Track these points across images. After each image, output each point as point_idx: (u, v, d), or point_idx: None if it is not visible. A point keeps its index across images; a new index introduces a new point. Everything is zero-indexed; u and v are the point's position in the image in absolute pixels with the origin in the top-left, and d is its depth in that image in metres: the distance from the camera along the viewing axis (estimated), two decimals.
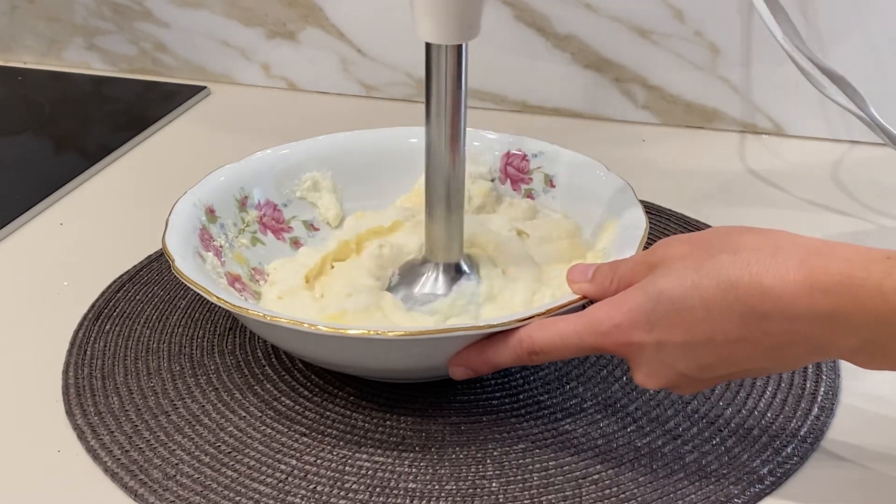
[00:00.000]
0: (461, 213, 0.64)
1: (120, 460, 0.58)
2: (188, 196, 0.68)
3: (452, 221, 0.64)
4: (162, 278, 0.75)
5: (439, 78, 0.60)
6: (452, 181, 0.63)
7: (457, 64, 0.60)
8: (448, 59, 0.60)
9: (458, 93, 0.61)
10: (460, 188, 0.64)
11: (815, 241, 0.49)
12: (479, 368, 0.57)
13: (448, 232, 0.64)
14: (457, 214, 0.64)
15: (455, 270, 0.65)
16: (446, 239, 0.65)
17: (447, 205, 0.63)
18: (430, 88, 0.61)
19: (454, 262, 0.66)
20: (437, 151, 0.62)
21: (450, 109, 0.61)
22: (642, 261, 0.55)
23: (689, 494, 0.54)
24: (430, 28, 0.59)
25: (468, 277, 0.65)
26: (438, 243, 0.65)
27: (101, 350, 0.67)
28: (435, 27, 0.59)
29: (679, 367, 0.52)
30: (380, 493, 0.55)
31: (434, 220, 0.64)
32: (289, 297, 0.66)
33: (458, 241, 0.65)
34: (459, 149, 0.62)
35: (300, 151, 0.75)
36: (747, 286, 0.48)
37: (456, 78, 0.60)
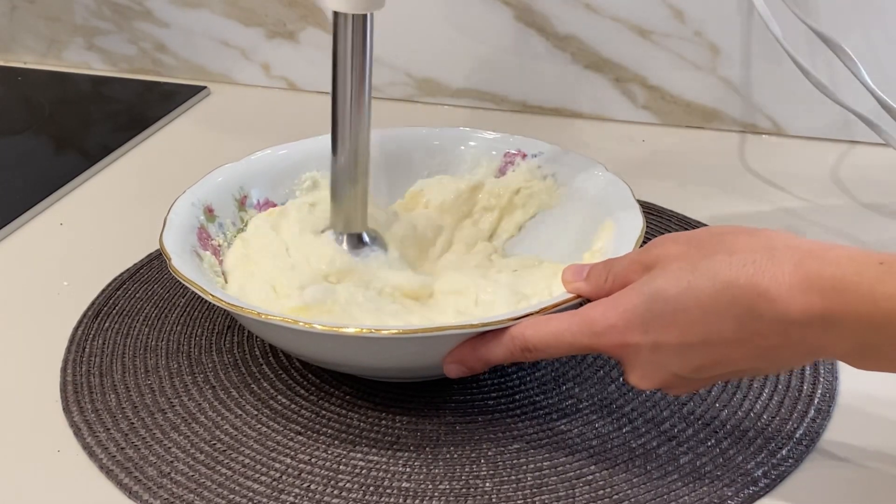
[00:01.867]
0: (366, 183, 0.66)
1: (115, 457, 0.58)
2: (187, 195, 0.68)
3: (357, 191, 0.66)
4: (162, 276, 0.75)
5: (345, 47, 0.63)
6: (357, 152, 0.65)
7: (362, 33, 0.62)
8: (354, 29, 0.62)
9: (363, 62, 0.63)
10: (365, 159, 0.65)
11: (810, 243, 0.49)
12: (473, 365, 0.57)
13: (352, 202, 0.66)
14: (361, 185, 0.66)
15: (358, 240, 0.67)
16: (350, 209, 0.66)
17: (351, 175, 0.65)
18: (336, 57, 0.63)
19: (357, 233, 0.67)
20: (342, 121, 0.64)
21: (358, 80, 0.63)
22: (637, 260, 0.54)
23: (682, 496, 0.54)
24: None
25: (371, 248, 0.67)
26: (342, 213, 0.67)
27: (99, 347, 0.68)
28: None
29: (673, 368, 0.52)
30: (373, 491, 0.55)
31: (338, 190, 0.66)
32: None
33: (362, 212, 0.67)
34: (363, 120, 0.64)
35: (299, 151, 0.75)
36: (743, 287, 0.48)
37: (361, 48, 0.63)
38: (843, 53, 0.79)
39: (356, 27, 0.62)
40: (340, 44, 0.63)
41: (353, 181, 0.66)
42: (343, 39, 0.63)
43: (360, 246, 0.67)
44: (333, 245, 0.67)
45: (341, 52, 0.63)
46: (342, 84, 0.64)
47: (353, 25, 0.62)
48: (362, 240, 0.67)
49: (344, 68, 0.63)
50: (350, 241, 0.67)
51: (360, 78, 0.63)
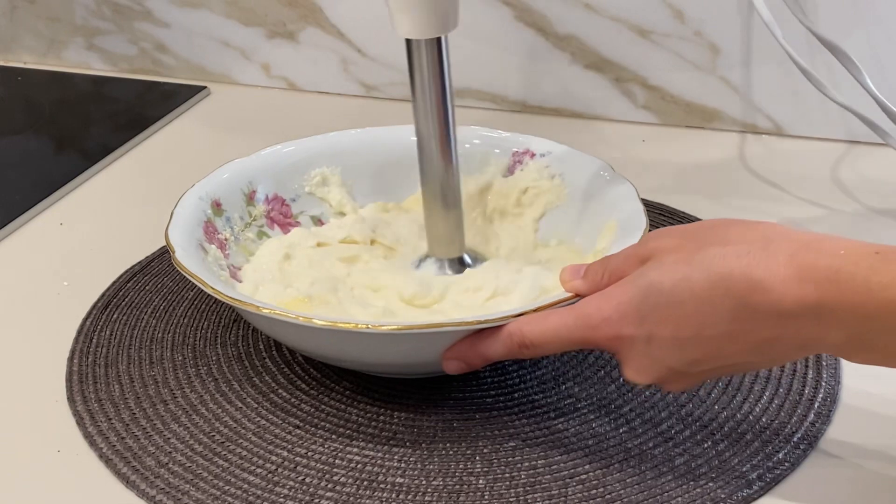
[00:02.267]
0: (459, 207, 0.65)
1: (115, 447, 0.59)
2: (195, 189, 0.69)
3: (450, 216, 0.65)
4: (172, 270, 0.75)
5: (422, 74, 0.61)
6: (446, 177, 0.64)
7: (437, 58, 0.61)
8: (427, 54, 0.60)
9: (442, 87, 0.61)
10: (456, 183, 0.64)
11: (805, 234, 0.49)
12: (472, 361, 0.57)
13: (447, 227, 0.65)
14: (455, 209, 0.65)
15: (459, 264, 0.67)
16: (446, 234, 0.66)
17: (443, 201, 0.64)
18: (414, 85, 0.62)
19: (457, 257, 0.67)
20: (429, 148, 0.63)
21: (435, 105, 0.62)
22: (632, 254, 0.54)
23: (675, 497, 0.54)
24: (407, 24, 0.59)
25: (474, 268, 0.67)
26: (439, 239, 0.66)
27: (106, 339, 0.68)
28: (411, 23, 0.59)
29: (669, 361, 0.52)
30: (367, 486, 0.55)
31: (432, 216, 0.65)
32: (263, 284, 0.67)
33: (459, 236, 0.66)
34: (450, 143, 0.63)
35: (309, 147, 0.75)
36: (738, 279, 0.48)
37: (439, 72, 0.61)
38: (844, 58, 0.79)
39: (429, 53, 0.61)
40: (416, 71, 0.61)
41: (446, 207, 0.65)
42: (419, 66, 0.61)
43: (461, 269, 0.67)
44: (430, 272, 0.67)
45: (419, 79, 0.61)
46: (423, 115, 0.62)
47: (427, 51, 0.61)
48: (464, 262, 0.67)
49: (424, 97, 0.62)
50: (452, 265, 0.67)
51: (439, 104, 0.62)
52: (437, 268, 0.67)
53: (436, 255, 0.67)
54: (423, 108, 0.62)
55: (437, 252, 0.67)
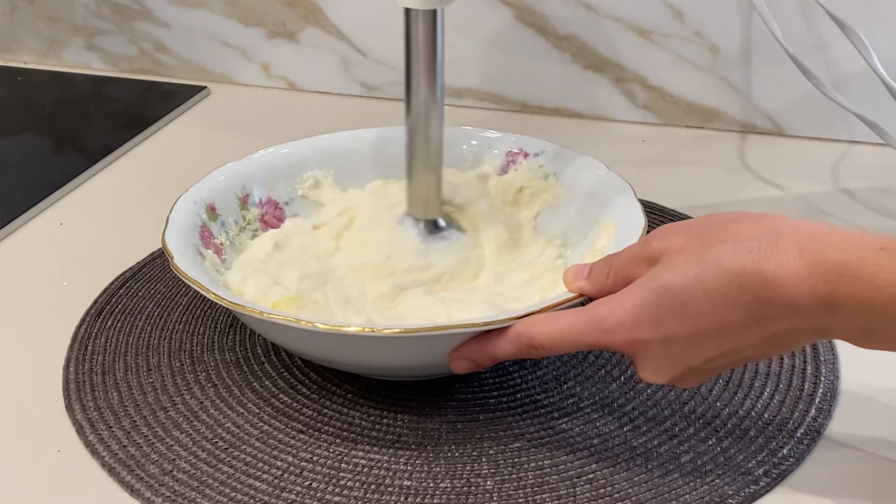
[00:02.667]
0: (440, 171, 0.68)
1: (117, 455, 0.58)
2: (189, 194, 0.68)
3: (430, 178, 0.68)
4: (164, 275, 0.75)
5: (417, 42, 0.65)
6: (430, 139, 0.67)
7: (432, 28, 0.65)
8: (423, 24, 0.64)
9: (433, 57, 0.65)
10: (439, 149, 0.67)
11: (813, 227, 0.50)
12: (480, 361, 0.57)
13: (426, 188, 0.68)
14: (435, 172, 0.68)
15: (434, 226, 0.69)
16: (424, 195, 0.68)
17: (425, 162, 0.67)
18: (409, 54, 0.65)
19: (432, 219, 0.69)
20: (416, 111, 0.66)
21: (427, 72, 0.66)
22: (638, 253, 0.55)
23: (683, 494, 0.54)
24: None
25: (447, 232, 0.69)
26: (418, 200, 0.69)
27: (101, 346, 0.68)
28: None
29: (685, 361, 0.52)
30: (374, 490, 0.55)
31: (414, 176, 0.68)
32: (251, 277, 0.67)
33: (437, 199, 0.69)
34: (437, 109, 0.67)
35: (302, 150, 0.75)
36: (750, 275, 0.49)
37: (432, 42, 0.65)
38: (855, 37, 0.78)
39: (425, 23, 0.64)
40: (413, 39, 0.65)
41: (428, 170, 0.68)
42: (414, 35, 0.65)
43: (436, 231, 0.69)
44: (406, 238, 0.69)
45: (413, 47, 0.65)
46: (415, 77, 0.66)
47: (424, 21, 0.64)
48: (438, 225, 0.69)
49: (417, 63, 0.65)
50: (427, 226, 0.69)
51: (430, 71, 0.65)
52: (414, 227, 0.69)
53: (414, 213, 0.69)
54: (415, 74, 0.66)
55: (415, 211, 0.69)
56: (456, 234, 0.69)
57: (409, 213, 0.69)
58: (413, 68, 0.66)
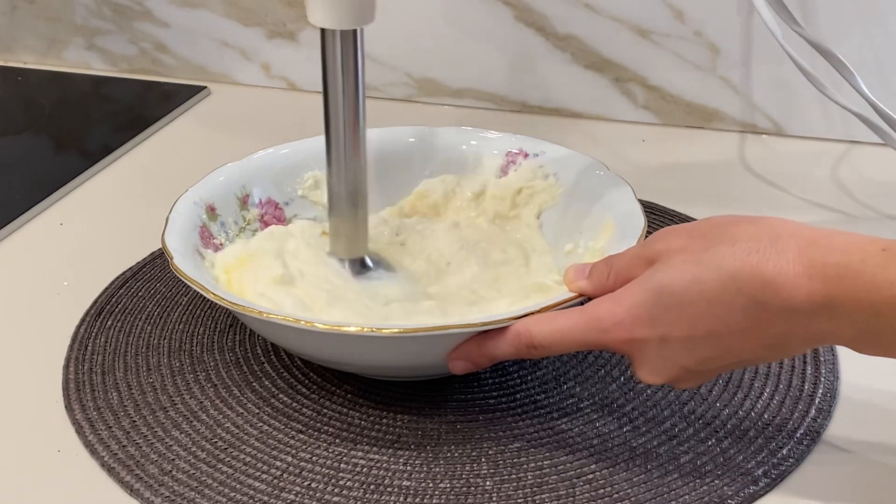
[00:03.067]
0: (366, 207, 0.65)
1: (117, 455, 0.58)
2: (189, 194, 0.68)
3: (358, 217, 0.64)
4: (164, 275, 0.75)
5: (335, 66, 0.60)
6: (355, 175, 0.63)
7: (353, 51, 0.59)
8: (342, 46, 0.59)
9: (355, 81, 0.60)
10: (363, 182, 0.63)
11: (813, 230, 0.50)
12: (479, 361, 0.57)
13: (353, 226, 0.64)
14: (362, 209, 0.64)
15: (360, 265, 0.66)
16: (352, 234, 0.65)
17: (351, 200, 0.63)
18: (326, 77, 0.60)
19: (359, 258, 0.66)
20: (337, 144, 0.62)
21: (349, 99, 0.60)
22: (638, 254, 0.54)
23: (682, 495, 0.54)
24: (321, 12, 0.58)
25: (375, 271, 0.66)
26: (341, 239, 0.65)
27: (101, 346, 0.68)
28: (326, 11, 0.58)
29: (682, 361, 0.52)
30: (373, 490, 0.55)
31: (338, 215, 0.64)
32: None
33: (363, 236, 0.65)
34: (359, 140, 0.62)
35: (301, 150, 0.75)
36: (748, 277, 0.48)
37: (353, 66, 0.60)
38: (838, 62, 0.79)
39: (344, 44, 0.59)
40: (329, 63, 0.60)
41: (353, 206, 0.64)
42: (332, 58, 0.60)
43: (363, 271, 0.66)
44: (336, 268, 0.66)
45: (331, 71, 0.60)
46: (334, 109, 0.61)
47: (343, 42, 0.59)
48: (365, 264, 0.67)
49: (335, 89, 0.60)
50: (353, 265, 0.66)
51: (353, 99, 0.61)
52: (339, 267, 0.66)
53: (337, 254, 0.66)
54: (334, 101, 0.61)
55: (338, 251, 0.66)
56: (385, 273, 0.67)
57: (330, 254, 0.66)
58: (332, 97, 0.61)
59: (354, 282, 0.65)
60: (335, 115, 0.62)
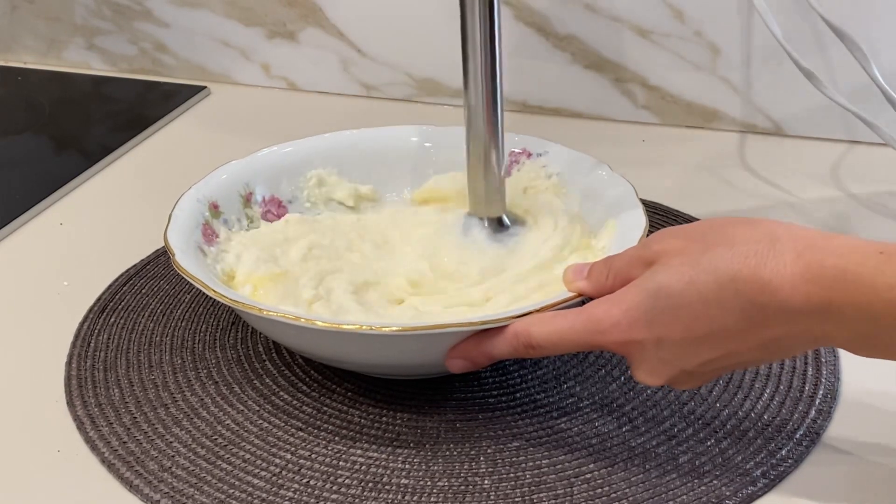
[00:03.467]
0: (502, 168, 0.67)
1: (117, 451, 0.58)
2: (192, 192, 0.69)
3: (491, 176, 0.67)
4: (168, 273, 0.75)
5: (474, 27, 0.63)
6: (491, 137, 0.65)
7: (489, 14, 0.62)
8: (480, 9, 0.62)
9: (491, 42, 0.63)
10: (500, 144, 0.66)
11: (811, 233, 0.50)
12: (477, 360, 0.57)
13: (488, 187, 0.67)
14: (496, 170, 0.67)
15: (498, 224, 0.68)
16: (487, 194, 0.67)
17: (486, 161, 0.66)
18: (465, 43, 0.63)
19: (496, 217, 0.68)
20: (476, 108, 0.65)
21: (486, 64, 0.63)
22: (637, 256, 0.54)
23: (680, 495, 0.54)
24: None
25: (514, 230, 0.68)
26: (480, 198, 0.68)
27: (104, 342, 0.68)
28: None
29: (679, 363, 0.52)
30: (372, 488, 0.55)
31: (475, 176, 0.67)
32: None
33: (501, 196, 0.68)
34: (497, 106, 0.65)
35: (305, 149, 0.75)
36: (745, 280, 0.48)
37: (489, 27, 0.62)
38: (853, 45, 0.78)
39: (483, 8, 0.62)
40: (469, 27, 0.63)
41: (488, 166, 0.67)
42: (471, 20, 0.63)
43: (501, 229, 0.68)
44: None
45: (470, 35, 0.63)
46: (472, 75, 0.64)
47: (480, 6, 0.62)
48: (503, 223, 0.69)
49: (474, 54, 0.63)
50: (492, 224, 0.68)
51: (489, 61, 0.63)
52: (479, 227, 0.68)
53: (477, 214, 0.68)
54: (472, 68, 0.64)
55: (478, 211, 0.68)
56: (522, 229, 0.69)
57: (470, 214, 0.69)
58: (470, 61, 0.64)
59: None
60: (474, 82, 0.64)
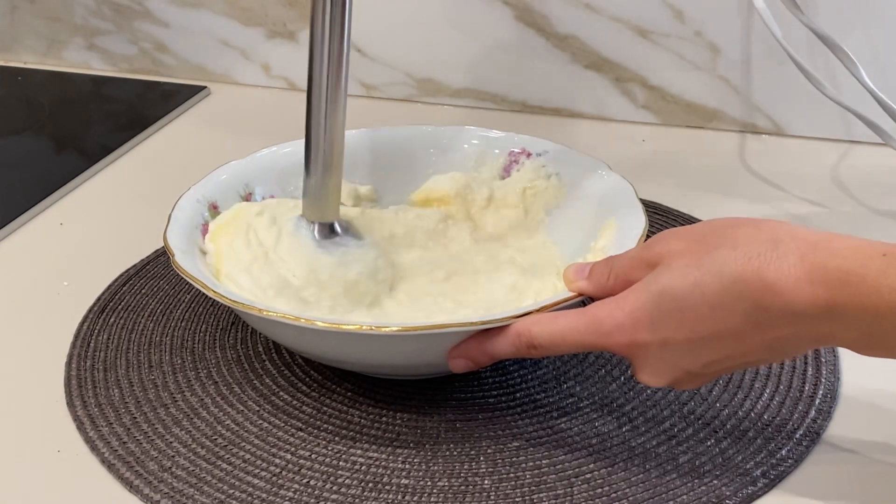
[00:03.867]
0: (340, 171, 0.65)
1: (117, 452, 0.58)
2: (192, 192, 0.69)
3: (330, 179, 0.64)
4: (168, 273, 0.75)
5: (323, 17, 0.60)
6: (331, 135, 0.63)
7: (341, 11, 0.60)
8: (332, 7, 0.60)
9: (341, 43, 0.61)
10: (340, 148, 0.64)
11: (814, 234, 0.50)
12: (479, 360, 0.57)
13: (324, 190, 0.64)
14: (335, 172, 0.64)
15: (329, 230, 0.66)
16: (322, 197, 0.65)
17: (324, 161, 0.63)
18: (312, 37, 0.61)
19: (328, 222, 0.66)
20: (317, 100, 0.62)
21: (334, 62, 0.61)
22: (639, 257, 0.54)
23: (680, 495, 0.54)
24: None
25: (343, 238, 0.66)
26: (314, 201, 0.65)
27: (104, 342, 0.68)
28: None
29: (683, 364, 0.52)
30: (372, 488, 0.55)
31: (311, 176, 0.64)
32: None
33: (335, 202, 0.65)
34: (340, 100, 0.62)
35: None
36: (749, 282, 0.48)
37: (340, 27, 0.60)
38: (842, 54, 0.79)
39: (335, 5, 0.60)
40: (317, 23, 0.61)
41: (327, 169, 0.64)
42: (320, 18, 0.61)
43: (331, 235, 0.66)
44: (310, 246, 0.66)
45: (317, 32, 0.61)
46: (318, 67, 0.62)
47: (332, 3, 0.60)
48: (334, 229, 0.66)
49: (321, 50, 0.61)
50: (321, 230, 0.66)
51: (337, 61, 0.61)
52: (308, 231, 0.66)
53: (309, 217, 0.66)
54: (318, 63, 0.61)
55: (310, 215, 0.66)
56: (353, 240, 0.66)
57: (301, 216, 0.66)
58: (316, 57, 0.61)
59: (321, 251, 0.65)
60: (318, 77, 0.62)
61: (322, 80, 0.62)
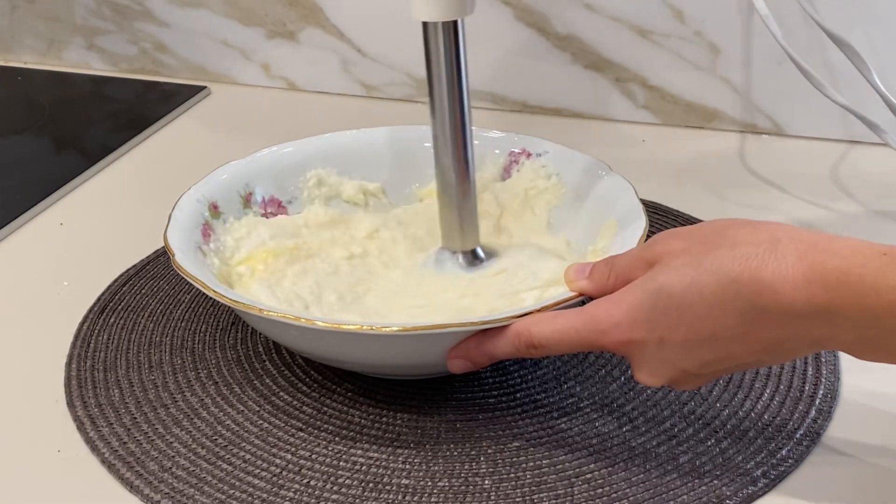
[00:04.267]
0: (474, 200, 0.66)
1: (117, 452, 0.58)
2: (192, 192, 0.69)
3: (465, 207, 0.65)
4: (168, 273, 0.75)
5: (438, 58, 0.62)
6: (461, 167, 0.64)
7: (454, 41, 0.61)
8: (444, 38, 0.61)
9: (458, 72, 0.62)
10: (471, 174, 0.65)
11: (813, 235, 0.50)
12: (478, 360, 0.57)
13: (461, 219, 0.66)
14: (469, 200, 0.65)
15: (473, 256, 0.67)
16: (459, 226, 0.66)
17: (458, 191, 0.64)
18: (430, 72, 0.62)
19: (470, 250, 0.67)
20: (443, 137, 0.63)
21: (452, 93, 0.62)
22: (639, 256, 0.54)
23: (681, 495, 0.54)
24: (424, 5, 0.60)
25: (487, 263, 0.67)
26: (453, 231, 0.66)
27: (104, 343, 0.68)
28: (428, 4, 0.60)
29: (681, 363, 0.52)
30: (372, 488, 0.55)
31: (446, 207, 0.66)
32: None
33: (474, 228, 0.66)
34: (465, 132, 0.64)
35: (305, 149, 0.75)
36: (747, 281, 0.48)
37: (455, 56, 0.61)
38: (851, 52, 0.79)
39: (447, 35, 0.61)
40: (433, 56, 0.62)
41: (461, 197, 0.65)
42: (435, 51, 0.62)
43: (475, 262, 0.67)
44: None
45: (434, 65, 0.62)
46: (439, 97, 0.63)
47: (444, 33, 0.61)
48: (477, 255, 0.67)
49: (439, 82, 0.62)
50: (466, 258, 0.67)
51: (456, 87, 0.62)
52: (452, 261, 0.67)
53: (449, 247, 0.67)
54: (438, 95, 0.63)
55: (451, 244, 0.67)
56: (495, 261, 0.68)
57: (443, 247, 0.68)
58: (435, 89, 0.63)
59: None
60: (440, 110, 0.63)
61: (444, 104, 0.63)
